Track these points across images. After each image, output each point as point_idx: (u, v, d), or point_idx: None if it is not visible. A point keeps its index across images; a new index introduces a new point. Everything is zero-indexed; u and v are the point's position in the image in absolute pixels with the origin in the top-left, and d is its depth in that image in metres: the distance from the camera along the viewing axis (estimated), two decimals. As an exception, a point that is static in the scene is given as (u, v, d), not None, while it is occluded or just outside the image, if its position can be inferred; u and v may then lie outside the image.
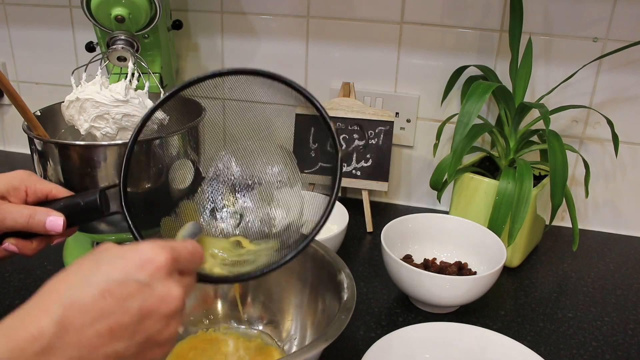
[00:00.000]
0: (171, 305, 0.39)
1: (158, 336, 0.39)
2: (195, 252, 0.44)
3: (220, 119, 0.62)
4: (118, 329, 0.37)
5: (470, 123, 0.77)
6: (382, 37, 1.00)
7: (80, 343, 0.36)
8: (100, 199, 0.56)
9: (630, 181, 0.98)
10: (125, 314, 0.37)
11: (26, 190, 0.57)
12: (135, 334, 0.38)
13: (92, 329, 0.36)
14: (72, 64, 1.16)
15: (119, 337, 0.37)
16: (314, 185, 1.00)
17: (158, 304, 0.39)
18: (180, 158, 0.73)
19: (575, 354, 0.70)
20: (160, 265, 0.39)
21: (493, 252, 0.78)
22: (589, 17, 0.90)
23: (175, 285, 0.40)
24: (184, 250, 0.42)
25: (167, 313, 0.39)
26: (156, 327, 0.39)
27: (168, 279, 0.40)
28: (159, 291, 0.39)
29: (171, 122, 0.77)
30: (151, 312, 0.38)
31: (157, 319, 0.39)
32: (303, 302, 0.67)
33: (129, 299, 0.37)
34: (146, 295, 0.38)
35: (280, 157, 0.59)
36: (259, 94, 0.54)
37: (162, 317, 0.39)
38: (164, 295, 0.39)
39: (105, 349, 0.37)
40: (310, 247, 0.66)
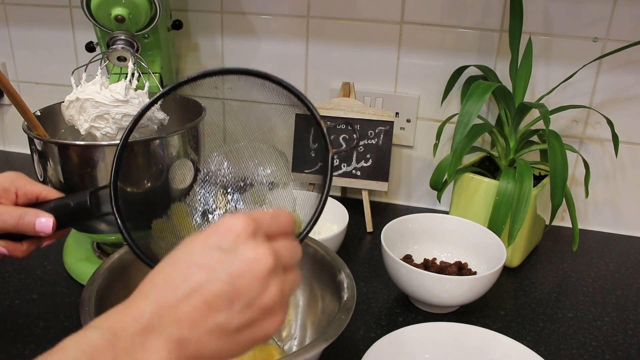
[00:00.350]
0: (261, 264, 0.38)
1: (260, 301, 0.38)
2: (277, 214, 0.42)
3: (220, 119, 0.62)
4: (213, 299, 0.36)
5: (470, 123, 0.77)
6: (382, 37, 1.00)
7: (179, 320, 0.36)
8: (90, 200, 0.56)
9: (630, 181, 0.98)
10: (216, 282, 0.37)
11: (16, 192, 0.57)
12: (233, 302, 0.37)
13: (187, 304, 0.36)
14: (72, 64, 1.16)
15: (216, 309, 0.36)
16: (314, 185, 1.00)
17: (247, 265, 0.37)
18: (179, 158, 0.73)
19: (575, 354, 0.70)
20: (240, 230, 0.38)
21: (493, 252, 0.78)
22: (589, 17, 0.90)
23: (261, 245, 0.39)
24: (264, 214, 0.41)
25: (259, 273, 0.38)
26: (253, 290, 0.37)
27: (251, 241, 0.39)
28: (245, 253, 0.38)
29: (171, 122, 0.77)
30: (242, 274, 0.37)
31: (250, 281, 0.37)
32: (303, 302, 0.67)
33: (216, 267, 0.37)
34: (232, 259, 0.37)
35: (273, 158, 0.59)
36: (259, 94, 0.54)
37: (256, 278, 0.38)
38: (251, 256, 0.38)
39: (206, 323, 0.36)
40: (310, 247, 0.66)
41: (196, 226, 0.60)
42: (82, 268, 0.81)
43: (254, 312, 0.38)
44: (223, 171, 0.60)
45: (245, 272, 0.37)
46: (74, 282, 0.80)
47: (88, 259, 0.82)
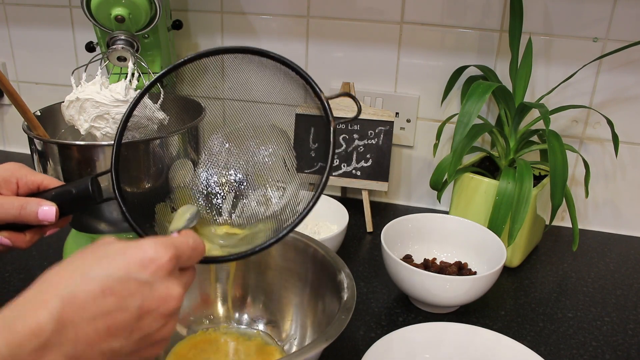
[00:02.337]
0: (170, 305, 0.39)
1: (155, 335, 0.39)
2: (197, 247, 0.44)
3: (220, 119, 0.61)
4: (116, 327, 0.37)
5: (470, 123, 0.77)
6: (382, 37, 1.00)
7: (78, 339, 0.36)
8: (92, 186, 0.55)
9: (630, 181, 0.98)
10: (125, 312, 0.37)
11: (17, 182, 0.56)
12: (133, 332, 0.38)
13: (90, 326, 0.36)
14: (72, 64, 1.16)
15: (116, 335, 0.37)
16: (313, 185, 1.00)
17: (158, 303, 0.39)
18: (179, 158, 0.73)
19: (575, 354, 0.70)
20: (162, 264, 0.39)
21: (493, 252, 0.78)
22: (589, 17, 0.90)
23: (176, 284, 0.40)
24: (186, 247, 0.42)
25: (166, 312, 0.39)
26: (154, 325, 0.39)
27: (169, 278, 0.40)
28: (160, 291, 0.39)
29: (171, 121, 0.77)
30: (150, 311, 0.38)
31: (155, 318, 0.39)
32: (303, 302, 0.67)
33: (129, 297, 0.37)
34: (146, 294, 0.38)
35: (274, 137, 0.58)
36: (258, 93, 0.54)
37: (161, 316, 0.39)
38: (164, 295, 0.39)
39: (102, 346, 0.37)
40: (310, 247, 0.66)
41: (199, 208, 0.59)
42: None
43: (145, 343, 0.39)
44: (224, 152, 0.60)
45: (154, 310, 0.39)
46: (74, 282, 0.80)
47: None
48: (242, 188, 0.59)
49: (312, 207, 0.49)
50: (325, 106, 0.49)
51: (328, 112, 0.49)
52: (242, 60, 0.52)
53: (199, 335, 0.68)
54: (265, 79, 0.52)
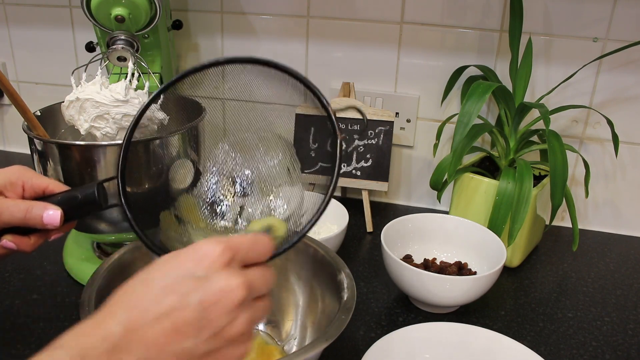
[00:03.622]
0: (233, 296, 0.38)
1: (228, 331, 0.38)
2: (257, 240, 0.42)
3: (220, 119, 0.61)
4: (182, 326, 0.37)
5: (470, 123, 0.77)
6: (382, 37, 1.00)
7: (147, 342, 0.36)
8: (98, 192, 0.55)
9: (630, 181, 0.98)
10: (186, 309, 0.37)
11: (23, 186, 0.57)
12: (202, 330, 0.37)
13: (156, 328, 0.36)
14: (72, 64, 1.16)
15: (184, 334, 0.37)
16: (314, 185, 1.00)
17: (218, 295, 0.38)
18: (180, 158, 0.73)
19: (575, 354, 0.70)
20: (216, 257, 0.39)
21: (493, 252, 0.78)
22: (589, 17, 0.90)
23: (234, 276, 0.39)
24: (243, 242, 0.41)
25: (230, 305, 0.38)
26: (222, 320, 0.38)
27: (225, 271, 0.39)
28: (218, 283, 0.38)
29: (171, 121, 0.77)
30: (213, 304, 0.38)
31: (221, 312, 0.38)
32: (303, 302, 0.67)
33: (188, 294, 0.37)
34: (205, 288, 0.38)
35: (280, 148, 0.58)
36: (259, 93, 0.54)
37: (226, 309, 0.38)
38: (223, 286, 0.38)
39: (173, 347, 0.36)
40: (310, 247, 0.66)
41: (204, 218, 0.59)
42: (82, 268, 0.81)
43: (219, 342, 0.38)
44: (229, 161, 0.60)
45: (216, 302, 0.38)
46: (74, 282, 0.80)
47: (88, 259, 0.82)
48: (247, 197, 0.59)
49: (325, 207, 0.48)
50: (332, 119, 0.48)
51: (335, 125, 0.49)
52: (246, 69, 0.52)
53: (199, 335, 0.68)
54: (266, 83, 0.52)
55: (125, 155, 0.54)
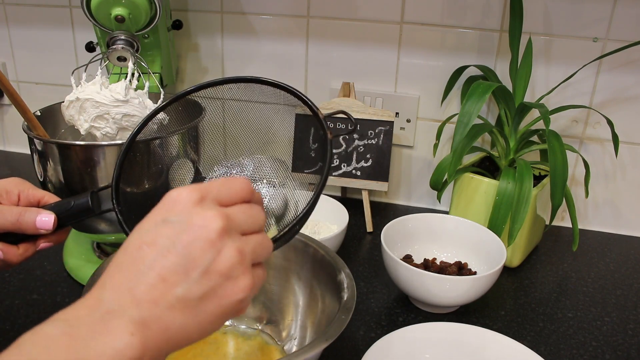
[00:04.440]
0: (210, 228, 0.36)
1: (217, 266, 0.37)
2: (230, 180, 0.40)
3: (220, 119, 0.62)
4: (167, 273, 0.36)
5: (470, 123, 0.77)
6: (382, 37, 1.00)
7: (138, 300, 0.35)
8: (91, 200, 0.56)
9: (630, 181, 0.98)
10: (167, 255, 0.36)
11: (19, 195, 0.57)
12: (189, 271, 0.36)
13: (143, 283, 0.35)
14: (72, 64, 1.16)
15: (172, 282, 0.36)
16: (314, 185, 1.00)
17: (195, 232, 0.36)
18: (179, 158, 0.73)
19: (575, 354, 0.70)
20: (186, 198, 0.38)
21: (493, 252, 0.78)
22: (589, 17, 0.90)
23: (207, 209, 0.37)
24: (212, 182, 0.40)
25: (209, 237, 0.36)
26: (206, 256, 0.36)
27: (197, 207, 0.37)
28: (193, 220, 0.37)
29: (171, 122, 0.77)
30: (191, 242, 0.36)
31: (202, 247, 0.36)
32: (303, 302, 0.67)
33: (166, 240, 0.36)
34: (179, 229, 0.36)
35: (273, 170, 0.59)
36: (259, 94, 0.54)
37: (207, 243, 0.36)
38: (199, 221, 0.37)
39: (166, 299, 0.35)
40: (310, 247, 0.66)
41: None
42: (82, 268, 0.81)
43: (213, 279, 0.36)
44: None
45: (195, 240, 0.36)
46: (74, 282, 0.80)
47: (88, 259, 0.82)
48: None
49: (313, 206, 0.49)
50: (322, 122, 0.50)
51: (324, 127, 0.50)
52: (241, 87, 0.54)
53: (199, 335, 0.68)
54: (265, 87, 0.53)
55: (121, 166, 0.54)
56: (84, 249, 0.84)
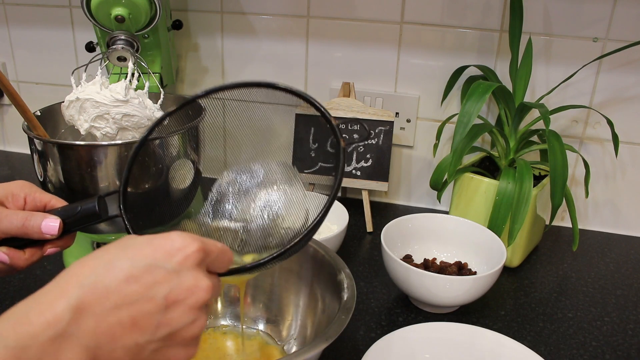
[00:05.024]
0: (199, 297, 0.37)
1: (183, 333, 0.37)
2: (225, 251, 0.41)
3: (220, 119, 0.62)
4: (141, 318, 0.35)
5: (470, 123, 0.77)
6: (382, 37, 1.00)
7: (99, 331, 0.34)
8: (98, 205, 0.55)
9: (630, 181, 0.98)
10: (150, 301, 0.35)
11: (25, 199, 0.56)
12: (160, 326, 0.35)
13: (113, 316, 0.34)
14: (72, 64, 1.16)
15: (141, 328, 0.35)
16: (314, 186, 1.00)
17: (186, 294, 0.36)
18: (179, 158, 0.73)
19: (575, 354, 0.70)
20: (190, 254, 0.37)
21: (493, 252, 0.78)
22: (589, 17, 0.90)
23: (204, 277, 0.37)
24: (215, 246, 0.40)
25: (194, 305, 0.37)
26: (182, 320, 0.36)
27: (197, 270, 0.37)
28: (188, 280, 0.36)
29: (171, 122, 0.77)
30: (178, 302, 0.36)
31: (183, 311, 0.36)
32: (303, 302, 0.67)
33: (155, 286, 0.35)
34: (173, 283, 0.36)
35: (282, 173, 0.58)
36: (259, 93, 0.54)
37: (189, 309, 0.36)
38: (192, 285, 0.36)
39: (125, 340, 0.34)
40: (310, 247, 0.66)
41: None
42: (82, 268, 0.80)
43: (172, 341, 0.37)
44: (235, 194, 0.59)
45: (182, 301, 0.36)
46: (74, 282, 0.80)
47: (88, 259, 0.82)
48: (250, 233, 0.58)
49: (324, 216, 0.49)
50: (336, 131, 0.49)
51: (338, 136, 0.49)
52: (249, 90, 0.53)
53: (199, 335, 0.68)
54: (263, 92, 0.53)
55: (129, 171, 0.54)
56: (84, 249, 0.84)
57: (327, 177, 0.87)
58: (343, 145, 0.49)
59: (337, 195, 0.49)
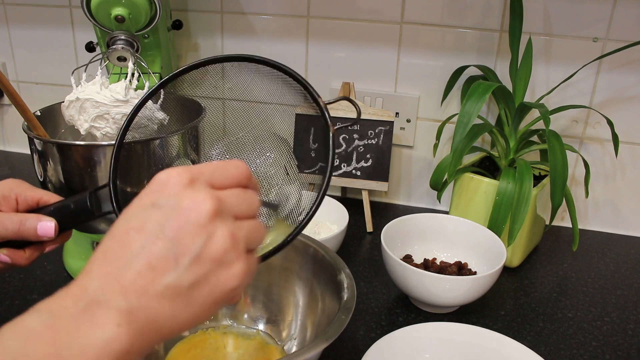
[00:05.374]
0: (200, 210, 0.34)
1: (208, 251, 0.35)
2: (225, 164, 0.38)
3: (220, 119, 0.62)
4: (156, 261, 0.34)
5: (470, 123, 0.77)
6: (382, 37, 1.00)
7: (124, 290, 0.33)
8: (90, 200, 0.55)
9: (630, 181, 0.98)
10: (155, 241, 0.34)
11: (16, 199, 0.56)
12: (178, 258, 0.34)
13: (130, 272, 0.33)
14: (72, 64, 1.16)
15: (162, 269, 0.34)
16: (314, 186, 1.00)
17: (184, 216, 0.34)
18: (179, 158, 0.73)
19: (575, 354, 0.70)
20: (174, 182, 0.36)
21: (493, 252, 0.78)
22: (589, 17, 0.90)
23: (197, 190, 0.35)
24: (205, 165, 0.38)
25: (199, 221, 0.34)
26: (197, 241, 0.34)
27: (188, 190, 0.35)
28: (181, 203, 0.35)
29: (171, 121, 0.77)
30: (180, 227, 0.34)
31: (191, 232, 0.34)
32: (303, 302, 0.67)
33: (154, 224, 0.34)
34: (167, 213, 0.35)
35: (276, 146, 0.58)
36: (259, 93, 0.54)
37: (197, 227, 0.34)
38: (187, 204, 0.35)
39: (155, 287, 0.34)
40: (310, 247, 0.66)
41: None
42: (82, 268, 0.80)
43: (204, 266, 0.35)
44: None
45: (184, 224, 0.34)
46: (74, 282, 0.80)
47: (88, 259, 0.82)
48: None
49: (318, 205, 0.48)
50: (324, 111, 0.48)
51: (326, 117, 0.48)
52: (240, 67, 0.52)
53: (199, 335, 0.68)
54: (264, 83, 0.52)
55: (116, 162, 0.54)
56: (84, 249, 0.84)
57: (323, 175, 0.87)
58: (332, 132, 0.48)
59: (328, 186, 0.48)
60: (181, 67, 0.53)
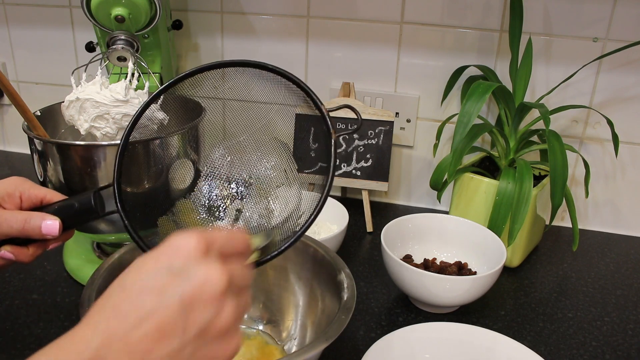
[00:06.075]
0: (214, 287, 0.35)
1: (215, 326, 0.36)
2: (233, 235, 0.40)
3: (220, 119, 0.62)
4: (165, 326, 0.34)
5: (470, 123, 0.77)
6: (382, 37, 1.00)
7: (129, 350, 0.34)
8: (94, 200, 0.55)
9: (630, 181, 0.98)
10: (167, 307, 0.34)
11: (20, 197, 0.57)
12: (186, 328, 0.35)
13: (138, 332, 0.34)
14: (72, 64, 1.16)
15: (169, 335, 0.34)
16: (314, 186, 1.00)
17: (198, 287, 0.35)
18: (179, 158, 0.73)
19: (575, 354, 0.70)
20: (190, 249, 0.36)
21: (493, 252, 0.78)
22: (589, 17, 0.90)
23: (213, 265, 0.36)
24: (218, 234, 0.39)
25: (212, 296, 0.36)
26: (206, 315, 0.35)
27: (203, 261, 0.36)
28: (197, 275, 0.36)
29: (171, 122, 0.77)
30: (194, 298, 0.35)
31: (203, 305, 0.35)
32: (303, 302, 0.67)
33: (167, 291, 0.35)
34: (183, 282, 0.35)
35: (275, 149, 0.58)
36: (259, 93, 0.54)
37: (209, 301, 0.35)
38: (203, 277, 0.36)
39: (159, 352, 0.34)
40: (310, 247, 0.66)
41: (201, 221, 0.59)
42: (82, 268, 0.81)
43: (208, 338, 0.36)
44: (226, 165, 0.60)
45: (198, 295, 0.35)
46: (74, 282, 0.80)
47: (88, 259, 0.82)
48: (244, 200, 0.59)
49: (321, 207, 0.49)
50: (326, 118, 0.49)
51: (329, 124, 0.48)
52: (241, 72, 0.52)
53: (199, 335, 0.68)
54: (265, 85, 0.53)
55: (120, 161, 0.54)
56: (84, 249, 0.84)
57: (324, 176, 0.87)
58: (334, 137, 0.48)
59: (330, 190, 0.48)
60: (186, 72, 0.54)
